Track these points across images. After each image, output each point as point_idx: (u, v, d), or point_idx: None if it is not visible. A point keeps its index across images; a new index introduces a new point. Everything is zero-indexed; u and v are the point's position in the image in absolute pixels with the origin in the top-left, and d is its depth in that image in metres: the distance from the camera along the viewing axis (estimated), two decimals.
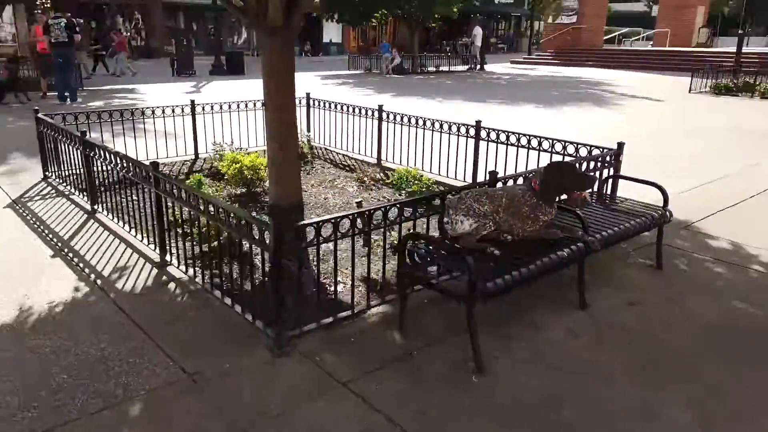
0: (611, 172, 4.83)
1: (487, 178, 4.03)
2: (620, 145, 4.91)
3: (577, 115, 11.97)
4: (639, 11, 48.90)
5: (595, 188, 4.61)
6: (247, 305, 3.38)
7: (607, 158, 4.81)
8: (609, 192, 4.68)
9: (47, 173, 6.45)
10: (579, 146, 5.11)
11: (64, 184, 6.03)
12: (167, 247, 4.16)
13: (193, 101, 7.34)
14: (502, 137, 5.87)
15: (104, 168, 4.93)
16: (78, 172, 5.58)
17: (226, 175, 6.14)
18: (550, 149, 5.34)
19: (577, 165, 4.31)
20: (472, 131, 6.17)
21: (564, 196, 3.52)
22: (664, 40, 32.84)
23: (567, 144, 5.22)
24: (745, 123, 11.06)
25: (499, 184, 3.91)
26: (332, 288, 3.80)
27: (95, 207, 5.32)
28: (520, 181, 3.92)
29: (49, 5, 13.55)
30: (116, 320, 3.45)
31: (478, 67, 25.69)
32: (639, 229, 3.90)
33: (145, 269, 4.14)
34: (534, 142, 5.52)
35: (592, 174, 3.35)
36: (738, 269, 4.28)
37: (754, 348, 3.29)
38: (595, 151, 4.95)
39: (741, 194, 6.13)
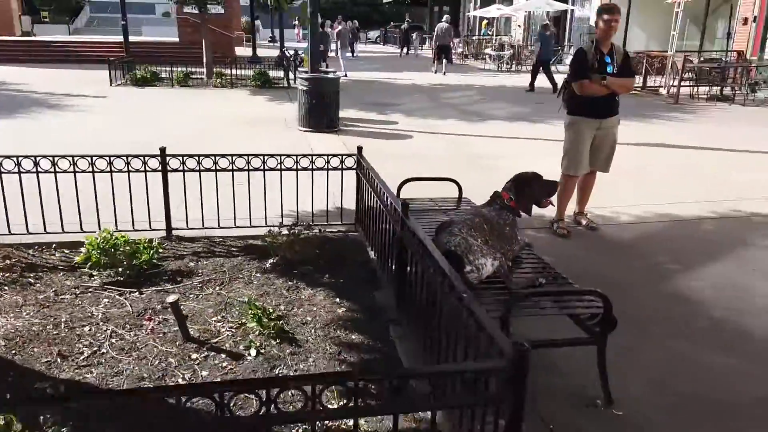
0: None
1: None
2: (360, 149, 4.84)
3: (64, 124, 10.05)
4: None
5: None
6: None
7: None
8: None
9: None
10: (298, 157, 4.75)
11: None
12: None
13: None
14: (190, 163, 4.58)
15: None
16: None
17: None
18: (279, 166, 4.66)
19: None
20: (153, 163, 4.53)
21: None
22: None
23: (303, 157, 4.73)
24: (214, 108, 11.82)
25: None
26: None
27: None
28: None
29: None
30: None
31: None
32: None
33: None
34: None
35: (555, 180, 3.36)
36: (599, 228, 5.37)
37: None
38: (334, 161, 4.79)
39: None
